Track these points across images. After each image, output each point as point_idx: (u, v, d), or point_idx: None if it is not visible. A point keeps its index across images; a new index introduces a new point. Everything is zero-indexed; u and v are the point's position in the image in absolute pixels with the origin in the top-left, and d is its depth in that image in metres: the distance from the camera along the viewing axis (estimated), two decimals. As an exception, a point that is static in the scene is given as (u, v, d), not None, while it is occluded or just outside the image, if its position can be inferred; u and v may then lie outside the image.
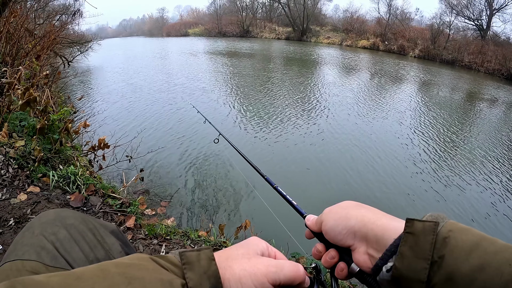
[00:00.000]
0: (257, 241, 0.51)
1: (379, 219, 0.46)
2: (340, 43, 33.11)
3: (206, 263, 0.42)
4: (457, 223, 0.40)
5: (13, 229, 1.72)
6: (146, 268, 0.39)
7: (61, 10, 11.23)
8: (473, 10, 28.43)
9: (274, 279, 0.44)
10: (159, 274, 0.39)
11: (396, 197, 4.64)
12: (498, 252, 0.35)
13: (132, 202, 2.25)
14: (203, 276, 0.41)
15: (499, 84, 17.69)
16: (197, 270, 0.41)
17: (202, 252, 0.43)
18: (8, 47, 3.74)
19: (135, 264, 0.40)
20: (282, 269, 0.45)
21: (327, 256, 0.51)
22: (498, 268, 0.33)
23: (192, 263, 0.41)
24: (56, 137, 2.48)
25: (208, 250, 0.44)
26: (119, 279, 0.36)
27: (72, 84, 10.44)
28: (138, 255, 0.43)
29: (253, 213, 3.91)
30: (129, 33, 63.94)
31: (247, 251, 0.48)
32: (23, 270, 0.54)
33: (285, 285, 0.46)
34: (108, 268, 0.38)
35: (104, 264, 0.39)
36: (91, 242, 0.65)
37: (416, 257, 0.38)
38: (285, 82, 12.25)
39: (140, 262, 0.40)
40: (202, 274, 0.41)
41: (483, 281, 0.33)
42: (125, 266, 0.39)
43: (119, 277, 0.36)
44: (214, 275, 0.41)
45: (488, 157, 6.44)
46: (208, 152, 5.44)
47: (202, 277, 0.40)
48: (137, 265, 0.39)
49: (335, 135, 6.82)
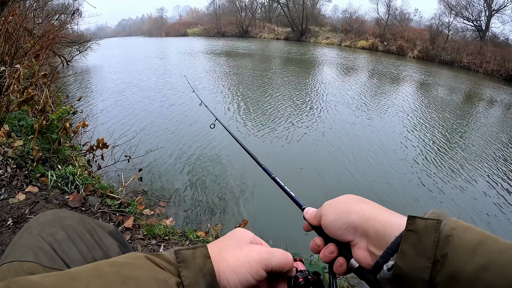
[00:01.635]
0: (244, 231, 0.52)
1: (381, 214, 0.46)
2: (339, 44, 33.13)
3: (202, 261, 0.42)
4: (460, 221, 0.39)
5: (11, 229, 1.71)
6: (141, 267, 0.39)
7: (60, 9, 11.21)
8: (472, 11, 28.52)
9: (267, 265, 0.45)
10: (154, 272, 0.39)
11: (396, 194, 4.64)
12: (502, 251, 0.34)
13: (131, 202, 2.24)
14: (199, 274, 0.41)
15: (498, 85, 17.73)
16: (193, 268, 0.41)
17: (197, 250, 0.43)
18: (7, 46, 3.73)
19: (130, 263, 0.39)
20: (274, 255, 0.47)
21: (326, 251, 0.50)
22: (502, 267, 0.33)
23: (187, 261, 0.41)
24: (54, 136, 2.47)
25: (203, 248, 0.44)
26: (114, 278, 0.36)
27: (71, 83, 10.43)
28: (134, 254, 0.43)
29: (252, 213, 3.91)
30: (128, 33, 63.91)
31: (237, 241, 0.49)
32: (20, 271, 0.54)
33: (276, 272, 0.47)
34: (103, 267, 0.38)
35: (99, 263, 0.39)
36: (89, 243, 0.65)
37: (418, 256, 0.38)
38: (285, 81, 12.24)
39: (135, 261, 0.40)
40: (197, 272, 0.41)
41: (488, 280, 0.33)
42: (120, 265, 0.39)
43: (113, 276, 0.36)
44: (210, 273, 0.41)
45: (488, 156, 6.46)
46: (207, 152, 5.43)
47: (197, 275, 0.40)
48: (132, 264, 0.39)
49: (335, 133, 6.83)
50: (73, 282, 0.34)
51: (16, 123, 2.58)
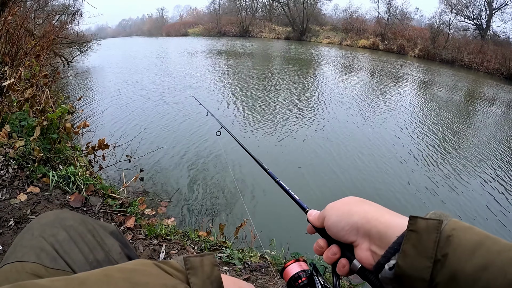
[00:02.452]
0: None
1: (383, 215, 0.46)
2: (340, 43, 33.09)
3: (209, 268, 0.43)
4: (460, 222, 0.40)
5: (13, 229, 1.71)
6: (150, 273, 0.40)
7: (60, 10, 11.22)
8: (472, 9, 28.46)
9: None
10: (163, 279, 0.39)
11: (397, 195, 4.64)
12: (501, 251, 0.34)
13: (132, 202, 2.24)
14: (207, 282, 0.42)
15: (499, 84, 17.69)
16: (201, 275, 0.42)
17: (205, 258, 0.45)
18: (8, 47, 3.74)
19: (139, 269, 0.40)
20: None
21: (329, 252, 0.51)
22: (502, 267, 0.33)
23: (196, 268, 0.42)
24: (55, 136, 2.48)
25: (211, 256, 0.45)
26: (123, 285, 0.36)
27: (71, 84, 10.45)
28: (142, 260, 0.44)
29: (254, 213, 3.91)
30: (129, 33, 63.87)
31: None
32: (22, 272, 0.54)
33: None
34: (112, 273, 0.38)
35: (108, 269, 0.39)
36: (90, 243, 0.65)
37: (419, 256, 0.38)
38: (285, 81, 12.24)
39: (144, 268, 0.41)
40: (205, 280, 0.42)
41: (487, 280, 0.33)
42: (129, 272, 0.39)
43: (123, 283, 0.37)
44: (217, 280, 0.43)
45: (488, 156, 6.45)
46: (208, 152, 5.43)
47: (205, 282, 0.41)
48: (141, 270, 0.40)
49: (335, 132, 6.82)
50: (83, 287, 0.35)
51: (17, 123, 2.58)
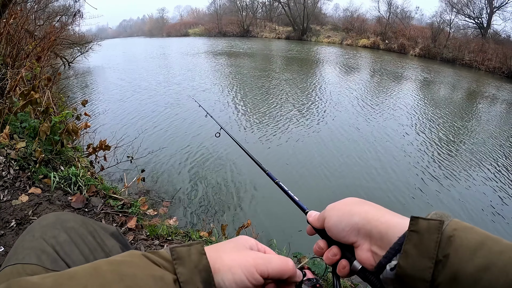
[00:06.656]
0: (246, 238, 0.52)
1: (383, 216, 0.46)
2: (341, 42, 33.05)
3: (197, 257, 0.42)
4: (462, 222, 0.40)
5: (14, 230, 1.72)
6: (137, 264, 0.39)
7: (61, 11, 11.22)
8: (473, 8, 28.34)
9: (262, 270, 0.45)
10: (151, 270, 0.39)
11: (398, 195, 4.63)
12: (503, 252, 0.34)
13: (134, 202, 2.25)
14: (194, 271, 0.41)
15: (500, 83, 17.62)
16: (188, 265, 0.41)
17: (192, 247, 0.44)
18: (9, 48, 3.74)
19: (127, 261, 0.40)
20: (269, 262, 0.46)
21: (329, 253, 0.50)
22: (503, 268, 0.33)
23: (182, 258, 0.42)
24: (57, 138, 2.48)
25: (199, 245, 0.44)
26: (111, 277, 0.36)
27: (72, 85, 10.47)
28: (131, 252, 0.43)
29: (254, 213, 3.91)
30: (130, 34, 64.00)
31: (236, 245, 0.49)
32: (23, 273, 0.54)
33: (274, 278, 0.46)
34: (101, 266, 0.38)
35: (97, 262, 0.39)
36: (91, 245, 0.65)
37: (421, 256, 0.38)
38: (286, 81, 12.24)
39: (131, 259, 0.41)
40: (193, 269, 0.41)
41: (488, 280, 0.33)
42: (118, 264, 0.39)
43: (111, 275, 0.37)
44: (205, 269, 0.42)
45: (489, 155, 6.43)
46: (209, 152, 5.43)
47: (193, 271, 0.41)
48: (128, 262, 0.40)
49: (335, 132, 6.82)
50: (72, 282, 0.35)
51: (19, 125, 2.59)
